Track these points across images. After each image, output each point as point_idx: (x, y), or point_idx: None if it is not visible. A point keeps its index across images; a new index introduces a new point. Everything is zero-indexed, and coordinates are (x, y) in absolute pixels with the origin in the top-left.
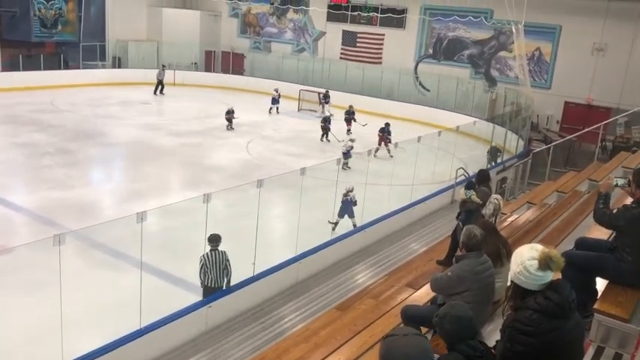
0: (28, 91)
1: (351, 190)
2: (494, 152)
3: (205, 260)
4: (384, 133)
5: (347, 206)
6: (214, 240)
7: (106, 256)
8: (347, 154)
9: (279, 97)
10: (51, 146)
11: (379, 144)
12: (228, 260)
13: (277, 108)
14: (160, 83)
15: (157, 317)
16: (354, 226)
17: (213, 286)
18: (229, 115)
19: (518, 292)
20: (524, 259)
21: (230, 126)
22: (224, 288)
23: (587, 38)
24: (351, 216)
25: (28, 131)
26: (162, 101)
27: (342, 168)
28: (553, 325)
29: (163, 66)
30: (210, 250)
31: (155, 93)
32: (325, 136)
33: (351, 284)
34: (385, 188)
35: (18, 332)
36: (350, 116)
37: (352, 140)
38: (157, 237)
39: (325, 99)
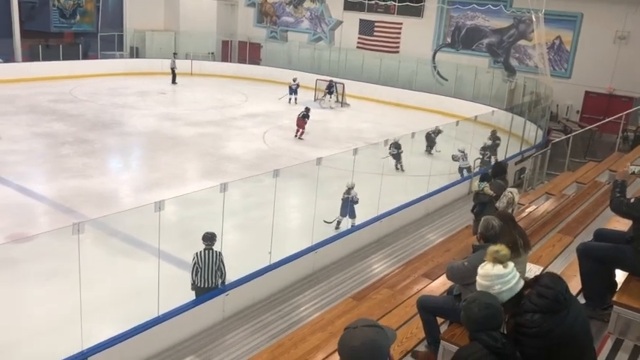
0: (48, 81)
1: (352, 188)
2: (493, 146)
3: (197, 259)
4: (305, 119)
5: (347, 205)
6: (209, 238)
7: (124, 244)
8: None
9: (297, 88)
10: (70, 136)
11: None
12: (222, 262)
13: (295, 99)
14: (173, 72)
15: (175, 305)
16: (352, 226)
17: (204, 286)
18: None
19: (510, 303)
20: (485, 274)
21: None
22: (219, 287)
23: (609, 26)
24: (352, 216)
25: (47, 121)
26: (179, 91)
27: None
28: (555, 322)
29: (175, 54)
30: (204, 249)
31: (173, 82)
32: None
33: (367, 274)
34: (401, 179)
35: (38, 319)
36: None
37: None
38: (175, 226)
39: (329, 89)
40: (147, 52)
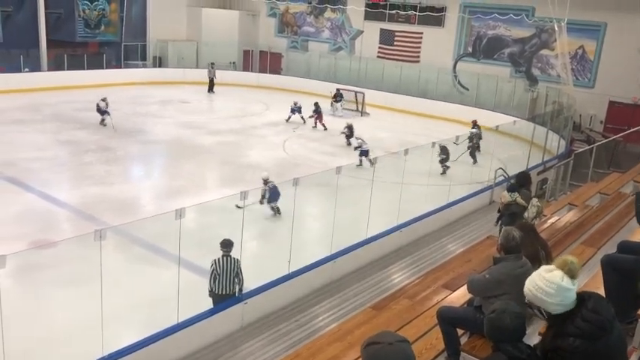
0: (72, 89)
1: (268, 178)
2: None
3: (216, 266)
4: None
5: (273, 192)
6: (226, 245)
7: (145, 251)
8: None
9: (299, 109)
10: (93, 143)
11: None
12: (240, 268)
13: (301, 117)
14: (211, 81)
15: (194, 313)
16: (278, 209)
17: (222, 293)
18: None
19: (559, 319)
20: (553, 280)
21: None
22: (236, 295)
23: (634, 36)
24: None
25: (71, 129)
26: (201, 100)
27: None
28: (598, 347)
29: (212, 64)
30: (222, 256)
31: (210, 91)
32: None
33: (387, 284)
34: (421, 188)
35: (60, 325)
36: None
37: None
38: (195, 233)
39: (336, 98)
40: (169, 61)
